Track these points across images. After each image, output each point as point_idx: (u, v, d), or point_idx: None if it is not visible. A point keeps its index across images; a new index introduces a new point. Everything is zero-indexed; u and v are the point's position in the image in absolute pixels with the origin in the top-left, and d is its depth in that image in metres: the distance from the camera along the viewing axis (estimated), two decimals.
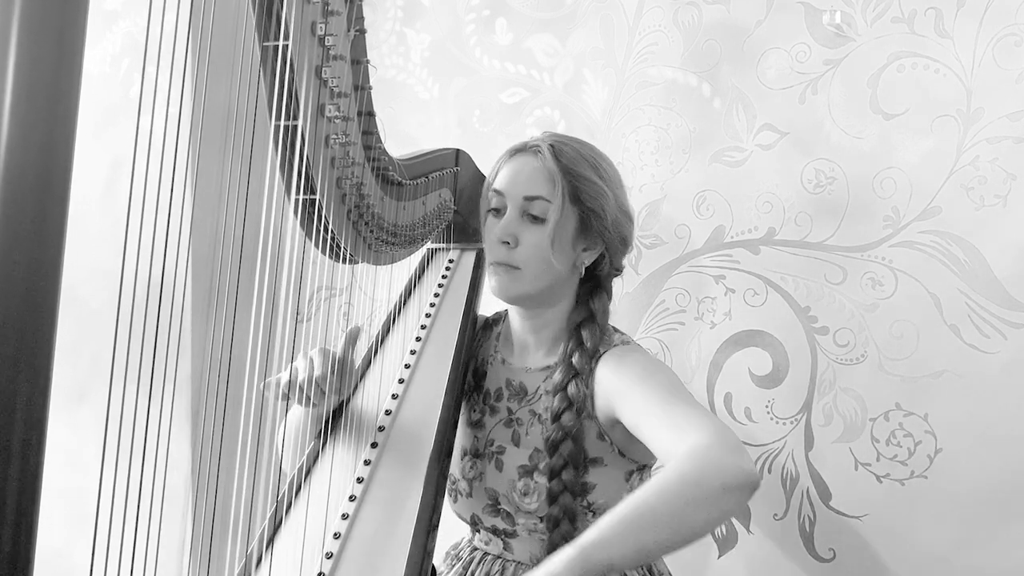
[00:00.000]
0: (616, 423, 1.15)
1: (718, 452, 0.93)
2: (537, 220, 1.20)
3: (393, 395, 1.24)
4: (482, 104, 2.05)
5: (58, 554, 2.29)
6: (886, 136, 1.65)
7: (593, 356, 1.19)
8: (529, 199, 1.20)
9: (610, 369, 1.16)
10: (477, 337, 1.37)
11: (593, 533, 0.88)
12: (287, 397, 1.19)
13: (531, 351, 1.28)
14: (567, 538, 1.16)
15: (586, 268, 1.24)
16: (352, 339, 1.23)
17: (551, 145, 1.21)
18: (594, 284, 1.26)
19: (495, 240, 1.21)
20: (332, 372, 1.17)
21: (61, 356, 0.60)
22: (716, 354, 1.79)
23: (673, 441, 0.99)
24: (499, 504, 1.24)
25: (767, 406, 1.74)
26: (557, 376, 1.20)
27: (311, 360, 1.19)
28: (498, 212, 1.23)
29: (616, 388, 1.14)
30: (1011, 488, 1.53)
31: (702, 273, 1.81)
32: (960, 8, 1.59)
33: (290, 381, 1.17)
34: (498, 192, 1.23)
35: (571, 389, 1.17)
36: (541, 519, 1.19)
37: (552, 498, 1.16)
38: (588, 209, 1.20)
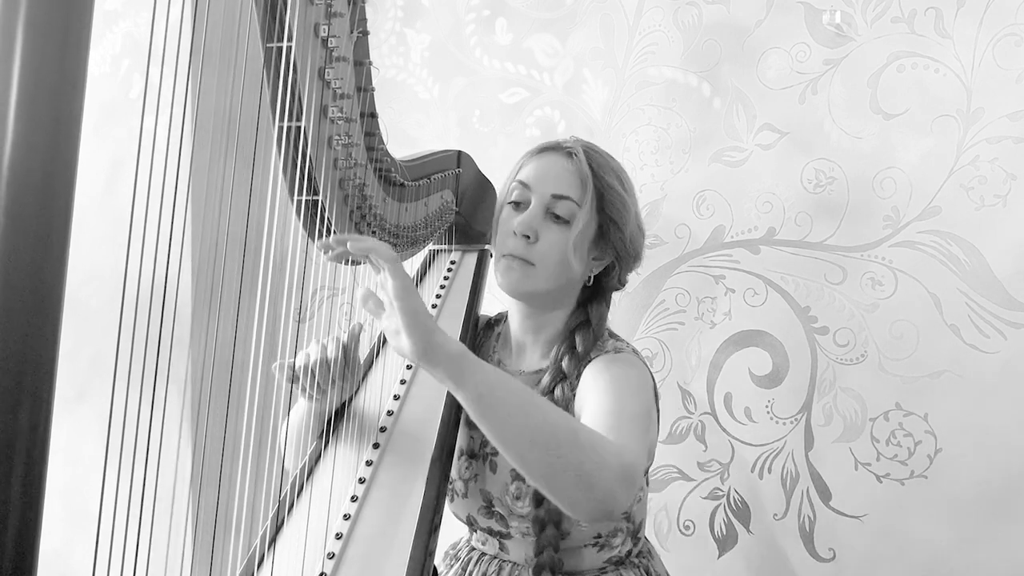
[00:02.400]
0: None
1: (619, 467, 0.92)
2: (560, 220, 1.18)
3: (395, 396, 1.24)
4: (482, 104, 2.05)
5: (57, 554, 2.29)
6: (886, 136, 1.65)
7: (583, 360, 1.18)
8: (557, 197, 1.18)
9: (591, 373, 1.15)
10: (479, 337, 1.37)
11: (484, 370, 0.91)
12: (296, 380, 1.18)
13: (527, 353, 1.28)
14: (554, 542, 1.16)
15: (593, 278, 1.24)
16: (355, 335, 1.22)
17: (585, 150, 1.21)
18: (595, 293, 1.26)
19: (512, 232, 1.20)
20: (341, 356, 1.17)
21: (61, 356, 0.60)
22: (716, 354, 1.79)
23: (600, 430, 1.00)
24: (493, 506, 1.23)
25: (767, 406, 1.74)
26: (546, 379, 1.20)
27: (323, 345, 1.20)
28: (518, 205, 1.22)
29: (586, 388, 1.13)
30: (1010, 488, 1.54)
31: (702, 273, 1.81)
32: (960, 8, 1.59)
33: (304, 365, 1.17)
34: (524, 184, 1.21)
35: (557, 393, 1.17)
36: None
37: (537, 501, 1.16)
38: (610, 220, 1.19)
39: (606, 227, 1.19)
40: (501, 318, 1.37)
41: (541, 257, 1.18)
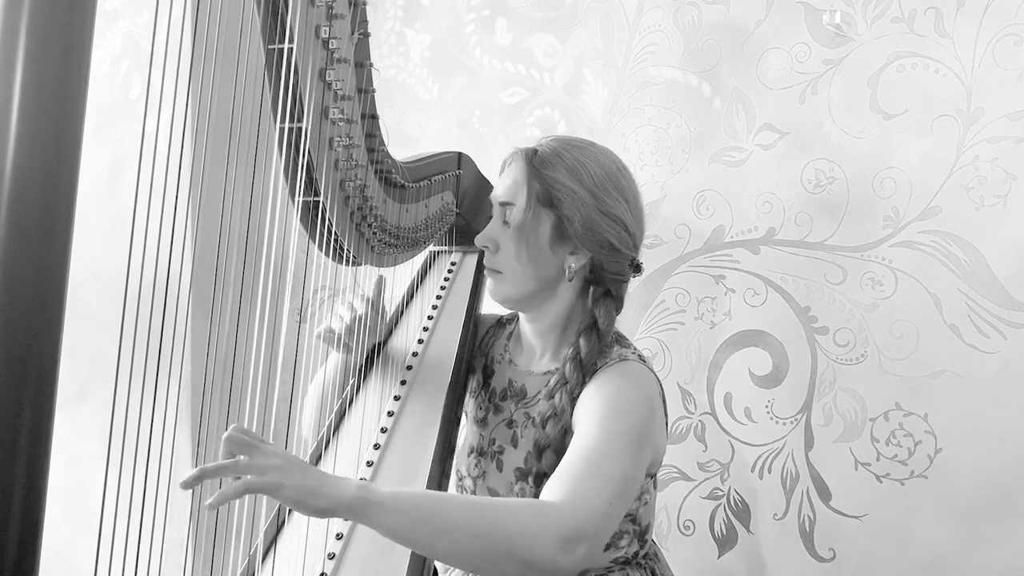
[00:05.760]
0: None
1: (556, 539, 0.91)
2: (509, 225, 1.21)
3: (395, 396, 1.24)
4: (482, 104, 2.05)
5: (59, 554, 2.29)
6: (886, 136, 1.66)
7: (589, 369, 1.17)
8: (503, 205, 1.22)
9: (592, 390, 1.14)
10: (489, 335, 1.38)
11: (389, 497, 0.88)
12: (337, 342, 1.28)
13: (538, 355, 1.28)
14: None
15: (590, 273, 1.23)
16: (379, 287, 1.31)
17: (533, 150, 1.22)
18: (602, 291, 1.24)
19: (480, 246, 1.25)
20: (371, 310, 1.27)
21: (62, 356, 0.60)
22: (716, 354, 1.79)
23: (555, 487, 0.99)
24: None
25: (767, 406, 1.74)
26: (551, 382, 1.20)
27: (350, 304, 1.28)
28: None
29: (582, 410, 1.13)
30: (1011, 488, 1.54)
31: (702, 273, 1.81)
32: (960, 8, 1.59)
33: (346, 328, 1.27)
34: (491, 199, 1.26)
35: (556, 398, 1.17)
36: None
37: None
38: (561, 213, 1.19)
39: (559, 221, 1.20)
40: (513, 318, 1.37)
41: (504, 264, 1.22)
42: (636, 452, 1.06)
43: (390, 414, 1.22)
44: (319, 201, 1.00)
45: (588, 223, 1.18)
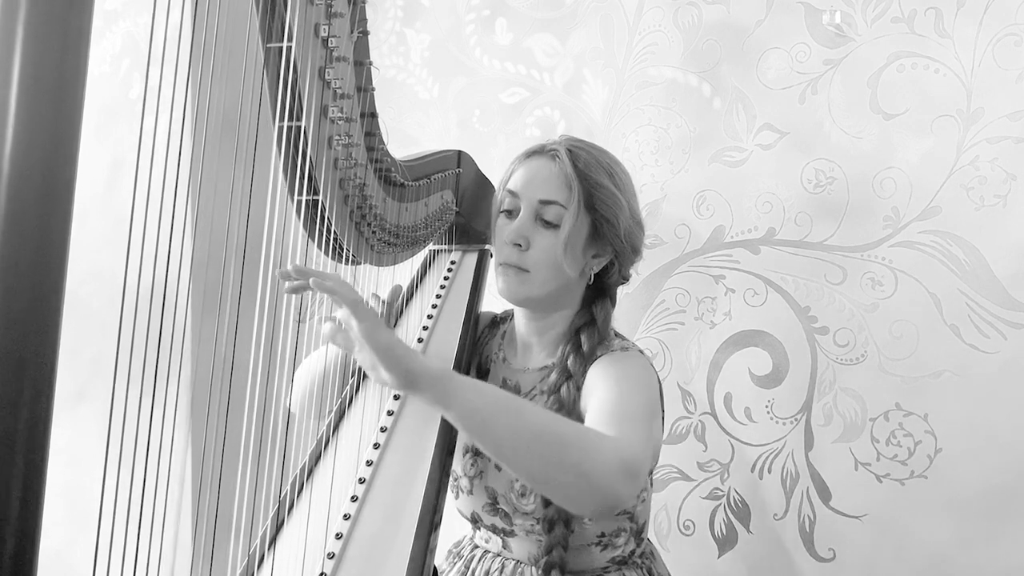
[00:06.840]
0: None
1: (618, 462, 0.93)
2: (550, 225, 1.18)
3: (395, 396, 1.24)
4: (482, 104, 2.05)
5: (58, 554, 2.29)
6: (886, 136, 1.65)
7: (589, 359, 1.19)
8: (544, 203, 1.19)
9: (597, 370, 1.16)
10: (483, 335, 1.38)
11: (471, 380, 0.94)
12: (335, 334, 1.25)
13: (533, 352, 1.28)
14: (563, 540, 1.16)
15: (595, 275, 1.24)
16: (395, 294, 1.31)
17: (569, 150, 1.20)
18: (599, 290, 1.26)
19: (506, 241, 1.20)
20: (384, 312, 1.27)
21: (61, 356, 0.60)
22: (716, 354, 1.79)
23: (601, 425, 1.02)
24: (498, 503, 1.24)
25: (767, 406, 1.74)
26: (552, 377, 1.20)
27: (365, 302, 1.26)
28: (511, 213, 1.22)
29: (592, 384, 1.14)
30: (1011, 488, 1.54)
31: (702, 273, 1.81)
32: (960, 8, 1.59)
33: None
34: (512, 193, 1.22)
35: (563, 392, 1.17)
36: (538, 521, 1.19)
37: (547, 500, 1.16)
38: (602, 217, 1.19)
39: (599, 225, 1.19)
40: (507, 316, 1.37)
41: (535, 263, 1.19)
42: (652, 415, 1.10)
43: (390, 413, 1.22)
44: (318, 200, 1.00)
45: (628, 230, 1.21)
